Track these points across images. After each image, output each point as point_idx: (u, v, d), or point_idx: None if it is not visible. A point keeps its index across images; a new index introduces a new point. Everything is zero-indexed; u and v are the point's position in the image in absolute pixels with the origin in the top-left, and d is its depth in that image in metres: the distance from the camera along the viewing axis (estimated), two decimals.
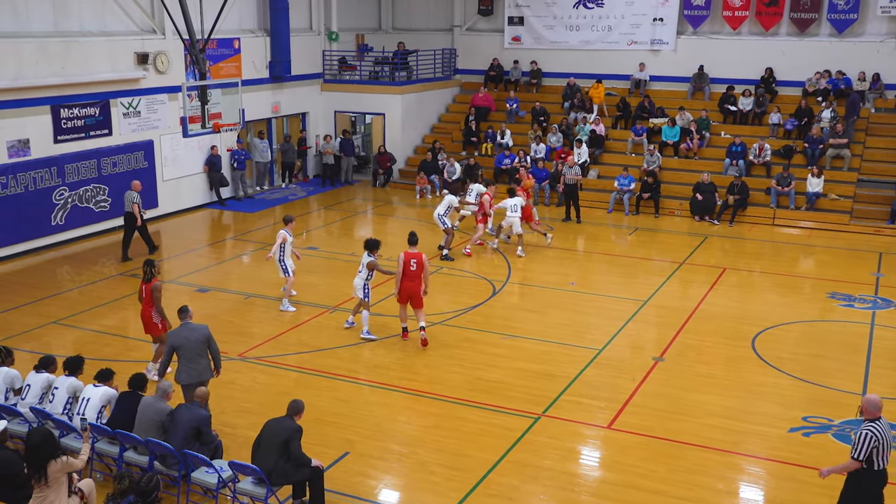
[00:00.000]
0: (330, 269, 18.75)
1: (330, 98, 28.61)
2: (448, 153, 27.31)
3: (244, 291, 17.04)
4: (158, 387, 9.97)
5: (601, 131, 26.70)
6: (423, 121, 29.54)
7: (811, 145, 24.41)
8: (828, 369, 13.53)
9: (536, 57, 29.88)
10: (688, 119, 26.27)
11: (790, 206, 23.29)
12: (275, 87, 26.56)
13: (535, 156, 26.21)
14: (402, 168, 28.31)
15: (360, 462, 10.69)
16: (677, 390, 12.71)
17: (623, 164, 25.33)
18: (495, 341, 14.58)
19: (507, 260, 19.38)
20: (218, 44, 23.79)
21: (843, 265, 19.30)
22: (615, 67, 28.85)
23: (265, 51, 26.04)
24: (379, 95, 28.20)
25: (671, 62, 28.28)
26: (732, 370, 13.49)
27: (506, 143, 27.15)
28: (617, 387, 12.78)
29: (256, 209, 24.23)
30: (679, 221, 23.48)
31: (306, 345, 14.34)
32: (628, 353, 14.23)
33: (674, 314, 15.92)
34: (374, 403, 12.28)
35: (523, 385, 12.85)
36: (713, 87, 27.77)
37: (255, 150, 25.98)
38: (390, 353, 13.99)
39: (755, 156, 24.61)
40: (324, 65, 28.70)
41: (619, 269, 19.03)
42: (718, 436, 11.35)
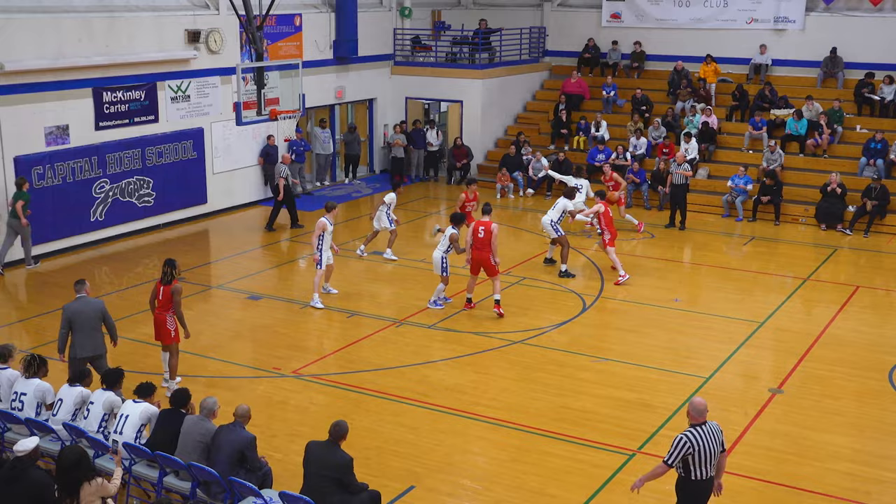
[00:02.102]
0: (396, 277, 18.88)
1: (401, 83, 28.87)
2: (534, 147, 27.28)
3: (300, 300, 17.30)
4: (202, 405, 10.17)
5: (713, 124, 26.33)
6: (506, 110, 29.58)
7: None
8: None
9: (639, 37, 29.64)
10: (816, 110, 25.72)
11: None
12: (339, 69, 26.93)
13: (634, 151, 25.99)
14: (480, 163, 28.39)
15: (427, 498, 10.73)
16: (798, 428, 12.45)
17: (739, 162, 24.93)
18: (585, 364, 14.48)
19: (599, 271, 19.24)
20: (277, 20, 24.24)
21: None
22: (731, 49, 28.41)
23: (329, 29, 26.43)
24: (456, 80, 28.35)
25: (798, 44, 27.72)
26: (865, 406, 13.15)
27: (601, 136, 27.00)
28: (726, 422, 12.46)
29: (316, 207, 24.49)
30: (803, 230, 22.99)
31: (369, 362, 14.48)
32: (740, 382, 14.00)
33: (795, 339, 15.61)
34: (444, 431, 12.31)
35: (616, 416, 12.73)
36: (848, 73, 27.13)
37: (315, 140, 26.38)
38: (464, 375, 14.03)
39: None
40: (395, 45, 28.98)
41: (732, 285, 18.73)
42: (847, 483, 11.09)
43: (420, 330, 15.89)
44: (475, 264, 16.32)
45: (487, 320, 16.25)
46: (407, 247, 20.91)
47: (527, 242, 21.69)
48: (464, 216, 16.85)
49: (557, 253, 19.16)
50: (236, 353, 14.86)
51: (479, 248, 16.14)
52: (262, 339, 15.56)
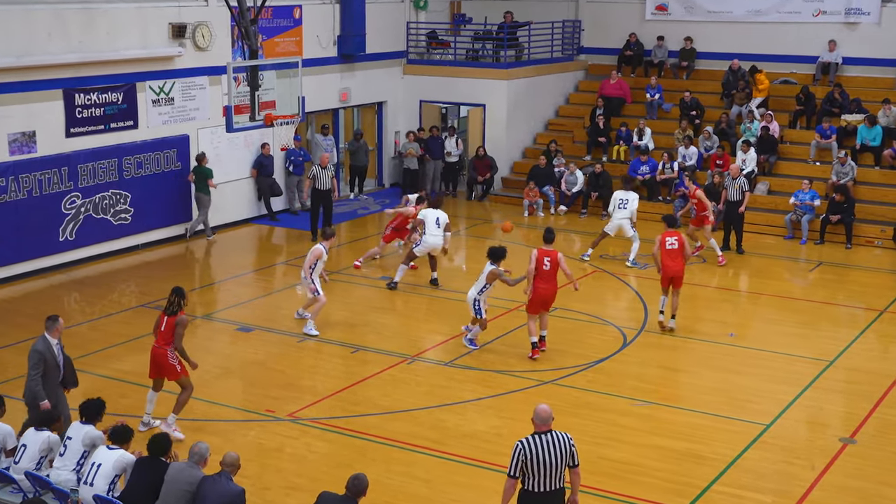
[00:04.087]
0: (407, 308, 18.87)
1: (414, 84, 29.03)
2: (567, 158, 27.34)
3: (298, 332, 17.32)
4: (192, 450, 10.17)
5: (775, 131, 26.32)
6: (535, 115, 29.70)
7: None
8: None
9: (689, 31, 29.72)
10: (894, 116, 25.70)
11: None
12: (344, 68, 27.09)
13: (683, 163, 25.98)
14: (505, 176, 28.46)
15: None
16: (875, 484, 12.35)
17: (804, 175, 24.91)
18: (625, 409, 14.43)
19: (642, 300, 19.19)
20: (273, 13, 24.44)
21: None
22: (795, 46, 28.46)
23: (333, 22, 26.62)
24: (478, 81, 28.48)
25: (873, 40, 27.76)
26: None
27: (644, 145, 27.04)
28: (790, 476, 12.50)
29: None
30: (880, 255, 22.92)
31: (376, 405, 14.46)
32: (806, 431, 13.93)
33: (870, 380, 15.51)
34: (462, 485, 12.27)
35: (661, 468, 12.66)
36: None
37: (317, 149, 26.48)
38: (485, 420, 13.99)
39: None
40: (408, 41, 29.16)
41: (795, 318, 18.68)
42: None
43: (435, 367, 15.87)
44: (538, 300, 15.89)
45: (513, 357, 16.22)
46: (419, 273, 20.92)
47: None
48: (505, 250, 16.21)
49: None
50: (224, 394, 14.86)
51: (546, 280, 15.87)
52: (253, 378, 15.56)
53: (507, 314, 18.10)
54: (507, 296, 17.87)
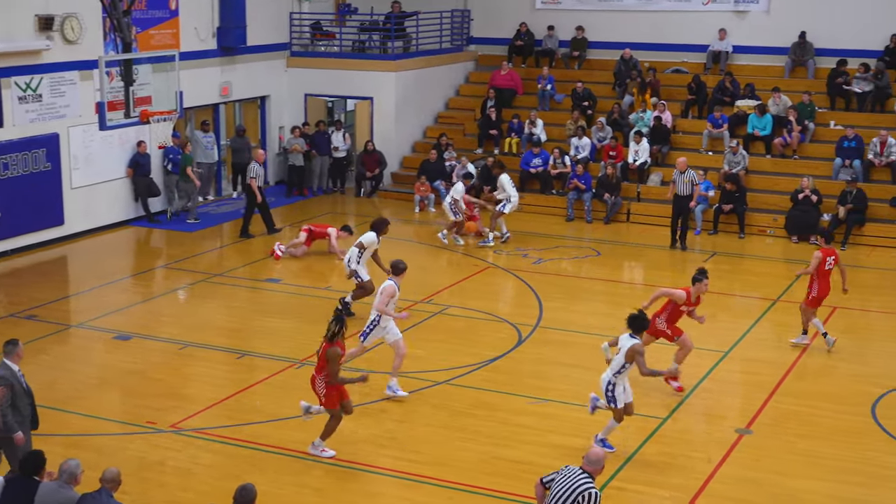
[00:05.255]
0: (295, 309, 18.73)
1: (299, 77, 28.83)
2: (459, 151, 27.44)
3: (180, 339, 17.06)
4: (62, 468, 9.93)
5: (667, 121, 26.77)
6: (425, 108, 29.77)
7: None
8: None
9: (580, 21, 30.06)
10: (784, 104, 26.36)
11: None
12: (225, 62, 26.77)
13: (576, 155, 26.28)
14: (395, 171, 28.46)
15: None
16: (770, 474, 12.63)
17: (697, 165, 25.31)
18: (522, 407, 14.52)
19: (537, 296, 19.36)
20: (148, 3, 24.03)
21: None
22: (686, 35, 29.04)
23: (212, 13, 26.28)
24: (365, 73, 28.41)
25: (762, 28, 28.46)
26: (847, 447, 13.40)
27: (537, 137, 27.28)
28: (688, 469, 12.72)
29: (197, 227, 24.31)
30: (772, 244, 23.49)
31: (264, 412, 14.30)
32: (703, 422, 14.20)
33: (765, 370, 15.87)
34: (355, 492, 12.22)
35: (558, 467, 12.74)
36: (819, 60, 27.90)
37: (196, 147, 26.12)
38: (379, 424, 13.95)
39: (876, 154, 24.72)
40: (291, 32, 28.95)
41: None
42: None
43: None
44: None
45: (407, 358, 16.18)
46: (308, 274, 20.82)
47: (451, 264, 21.76)
48: (648, 322, 13.74)
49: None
50: (102, 406, 14.54)
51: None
52: (133, 388, 15.23)
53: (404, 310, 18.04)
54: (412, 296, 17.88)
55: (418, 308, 18.45)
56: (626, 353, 12.91)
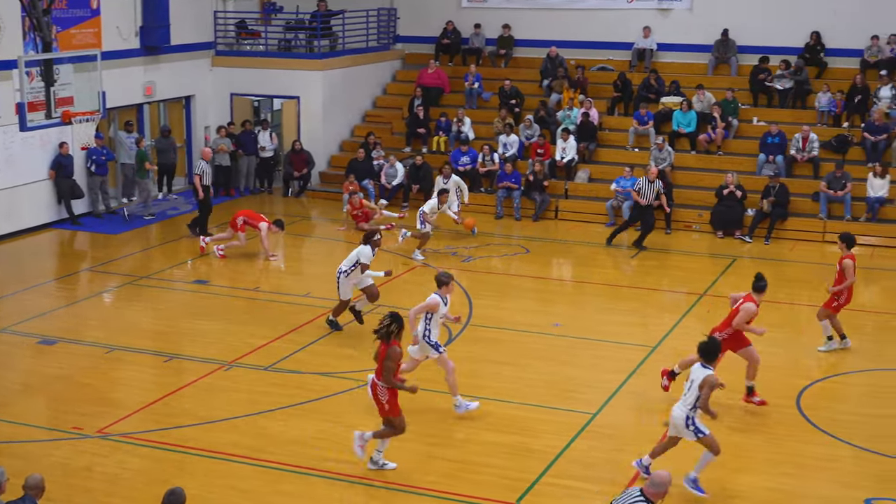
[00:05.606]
0: (223, 311, 18.56)
1: (224, 76, 28.58)
2: (387, 150, 27.40)
3: (106, 343, 16.80)
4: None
5: (594, 118, 26.97)
6: (352, 107, 29.67)
7: (872, 135, 24.96)
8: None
9: (506, 19, 30.17)
10: (709, 101, 26.68)
11: (846, 216, 23.86)
12: (148, 61, 26.45)
13: (504, 153, 26.38)
14: (323, 171, 28.34)
15: None
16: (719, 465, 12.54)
17: (623, 162, 25.61)
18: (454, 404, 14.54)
19: (467, 294, 19.38)
20: (69, 2, 23.65)
21: None
22: (611, 33, 29.29)
23: (135, 12, 25.95)
24: (292, 72, 28.27)
25: (686, 25, 28.80)
26: (775, 438, 13.58)
27: (465, 135, 27.34)
28: (618, 463, 12.79)
29: (123, 229, 24.00)
30: (698, 239, 23.76)
31: (193, 415, 14.13)
32: (633, 417, 14.30)
33: None
34: (287, 494, 12.12)
35: (492, 464, 12.80)
36: (741, 57, 28.30)
37: (120, 147, 25.80)
38: (309, 425, 13.87)
39: (798, 150, 25.11)
40: (216, 31, 28.70)
41: (620, 305, 19.18)
42: None
43: (255, 373, 15.63)
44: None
45: (334, 358, 16.13)
46: (235, 275, 20.65)
47: (379, 263, 21.66)
48: (720, 348, 12.96)
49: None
50: (27, 412, 14.25)
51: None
52: (58, 393, 14.96)
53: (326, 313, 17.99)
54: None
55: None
56: (699, 385, 11.93)
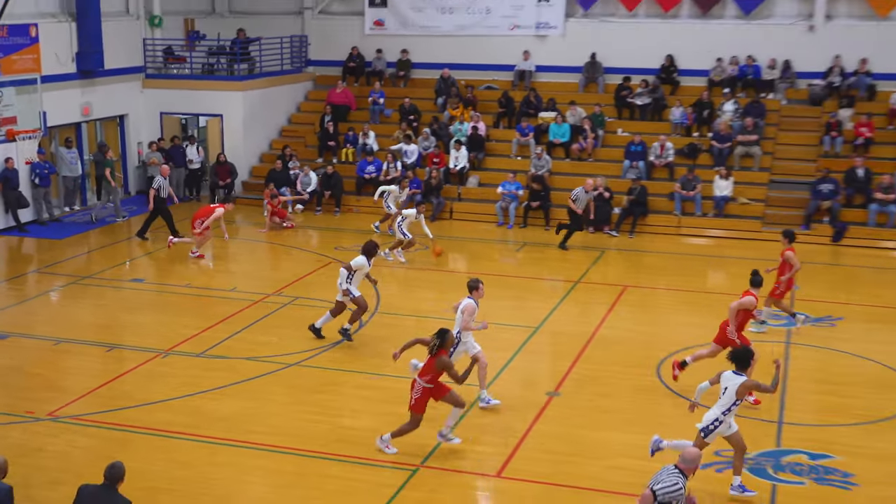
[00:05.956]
0: (159, 306, 18.47)
1: (154, 97, 28.25)
2: (301, 161, 27.38)
3: (53, 336, 16.61)
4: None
5: (482, 131, 27.29)
6: (269, 123, 29.54)
7: (718, 143, 25.68)
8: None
9: (404, 44, 30.31)
10: (580, 115, 27.15)
11: (696, 212, 24.49)
12: (85, 84, 26.03)
13: (405, 160, 26.57)
14: (245, 180, 28.18)
15: None
16: (576, 429, 13.10)
17: (508, 168, 25.99)
18: (363, 382, 14.70)
19: (374, 284, 19.52)
20: (9, 31, 23.17)
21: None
22: (496, 56, 29.57)
23: (71, 39, 25.51)
24: (215, 93, 28.06)
25: (559, 50, 29.20)
26: (638, 403, 13.99)
27: (370, 147, 27.46)
28: (507, 427, 13.06)
29: (66, 234, 23.62)
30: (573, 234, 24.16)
31: (133, 398, 14.08)
32: (518, 388, 14.52)
33: (569, 341, 16.39)
34: (219, 464, 12.19)
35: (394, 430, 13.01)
36: (608, 77, 28.82)
37: (61, 162, 25.34)
38: (238, 404, 13.92)
39: (657, 156, 25.71)
40: (145, 56, 28.33)
41: (508, 293, 19.39)
42: (626, 479, 11.75)
43: (188, 359, 15.60)
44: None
45: (260, 346, 16.17)
46: (168, 273, 20.51)
47: (297, 261, 21.74)
48: (752, 355, 12.07)
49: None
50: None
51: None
52: (11, 382, 14.75)
53: (258, 303, 17.99)
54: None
55: (270, 300, 18.44)
56: (737, 391, 11.11)
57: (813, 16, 27.17)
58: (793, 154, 26.03)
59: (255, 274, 20.29)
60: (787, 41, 27.44)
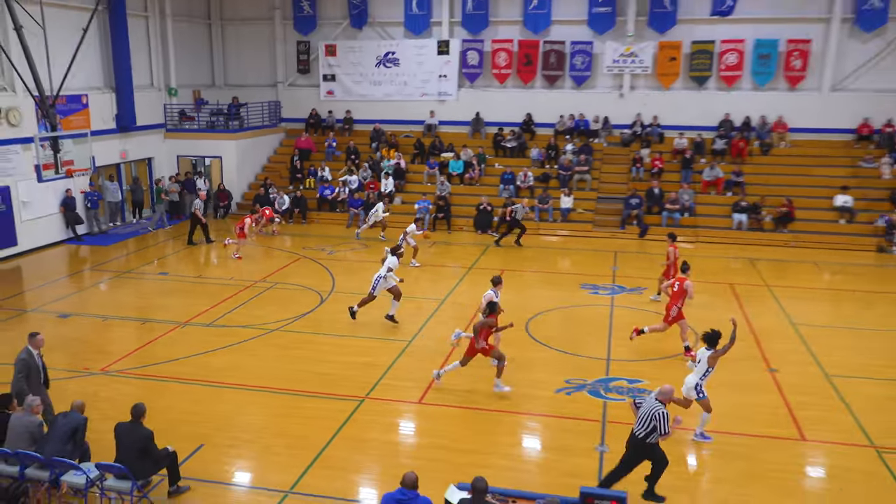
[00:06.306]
0: (179, 291, 17.95)
1: (173, 144, 27.38)
2: (278, 187, 26.86)
3: (102, 314, 16.01)
4: (25, 403, 9.24)
5: (403, 165, 27.17)
6: (255, 162, 28.87)
7: (563, 171, 26.01)
8: (581, 342, 14.49)
9: (349, 107, 29.94)
10: (469, 154, 27.23)
11: (549, 219, 24.67)
12: (122, 136, 25.10)
13: (351, 186, 26.32)
14: (239, 202, 27.52)
15: (215, 451, 10.38)
16: (471, 368, 12.98)
17: (422, 191, 25.90)
18: (322, 340, 14.51)
19: (331, 274, 19.32)
20: (67, 99, 22.21)
21: (590, 263, 20.68)
22: (412, 114, 29.42)
23: (112, 105, 24.58)
24: (216, 141, 27.31)
25: (455, 109, 29.15)
26: (513, 349, 14.03)
27: (326, 177, 27.09)
28: (424, 369, 13.06)
29: (110, 242, 22.78)
30: (467, 234, 24.27)
31: (160, 357, 13.68)
32: (432, 341, 14.53)
33: (466, 308, 16.39)
34: (223, 401, 11.92)
35: (351, 375, 12.89)
36: (487, 128, 28.90)
37: (106, 191, 24.42)
38: (237, 359, 13.61)
39: (521, 181, 25.89)
40: (165, 116, 27.44)
41: (424, 276, 19.39)
42: (505, 401, 11.86)
43: (201, 329, 15.21)
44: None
45: (253, 318, 15.81)
46: (185, 267, 19.93)
47: (276, 259, 21.35)
48: (720, 336, 10.71)
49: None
50: (53, 362, 13.42)
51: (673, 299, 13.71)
52: (72, 348, 14.20)
53: (249, 287, 17.59)
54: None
55: (258, 285, 18.07)
56: (708, 360, 10.57)
57: (622, 87, 27.70)
58: (612, 179, 26.49)
59: (247, 267, 19.85)
60: (606, 104, 27.91)
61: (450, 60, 28.56)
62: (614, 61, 27.31)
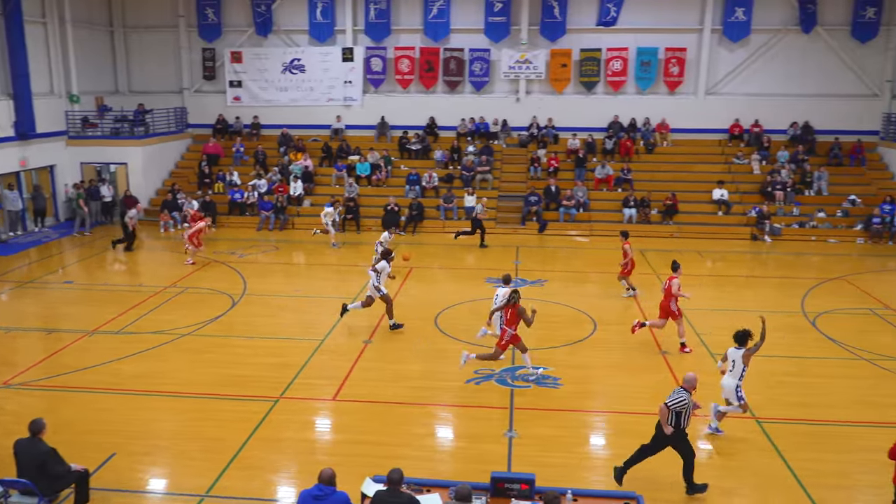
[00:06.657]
0: (85, 300, 16.98)
1: (76, 152, 25.85)
2: (186, 193, 25.84)
3: (4, 326, 14.93)
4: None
5: (311, 168, 26.69)
6: (162, 167, 27.67)
7: (465, 172, 26.17)
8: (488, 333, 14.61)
9: (256, 112, 29.14)
10: (376, 157, 27.03)
11: (454, 217, 24.78)
12: (21, 143, 23.50)
13: (260, 190, 25.62)
14: (147, 208, 26.31)
15: (129, 460, 9.85)
16: (383, 363, 13.04)
17: (330, 193, 25.51)
18: (239, 343, 14.06)
19: (242, 277, 18.75)
20: None
21: (493, 257, 20.93)
22: (318, 119, 28.94)
23: (10, 112, 22.98)
24: (121, 148, 26.01)
25: (360, 114, 28.87)
26: (424, 343, 14.04)
27: (234, 181, 26.27)
28: (336, 368, 12.87)
29: (11, 252, 21.30)
30: (376, 234, 24.02)
31: (69, 366, 12.89)
32: (344, 339, 14.34)
33: (378, 306, 16.05)
34: (137, 408, 11.35)
35: (264, 375, 12.54)
36: (393, 132, 28.78)
37: (5, 199, 22.80)
38: (148, 365, 12.99)
39: (427, 182, 25.91)
40: (67, 123, 25.89)
41: (335, 276, 19.14)
42: (417, 394, 11.83)
43: (110, 336, 14.42)
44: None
45: (162, 323, 15.14)
46: (93, 275, 18.88)
47: (186, 264, 20.56)
48: (750, 334, 10.28)
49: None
50: None
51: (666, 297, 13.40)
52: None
53: (158, 293, 16.82)
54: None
55: (167, 290, 17.32)
56: (742, 359, 10.08)
57: (518, 92, 28.16)
58: (512, 178, 26.87)
59: (156, 272, 19.00)
60: (504, 107, 28.30)
61: (354, 67, 28.26)
62: (510, 68, 27.72)
